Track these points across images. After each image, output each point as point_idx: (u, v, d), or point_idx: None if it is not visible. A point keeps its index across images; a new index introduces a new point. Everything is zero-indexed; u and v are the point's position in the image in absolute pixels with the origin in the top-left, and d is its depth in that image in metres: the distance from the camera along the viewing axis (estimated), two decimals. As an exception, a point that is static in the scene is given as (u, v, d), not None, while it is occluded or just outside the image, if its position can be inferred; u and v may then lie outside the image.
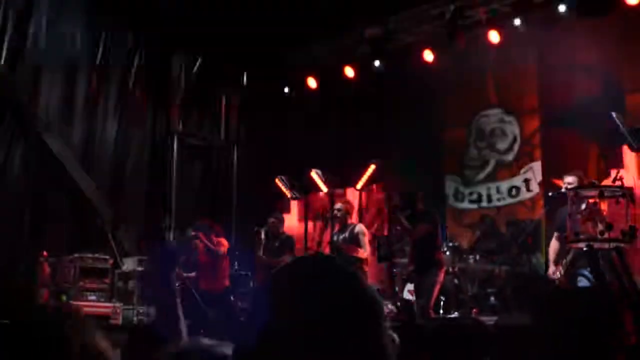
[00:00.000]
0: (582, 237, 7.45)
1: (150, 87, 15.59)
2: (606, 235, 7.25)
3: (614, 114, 11.11)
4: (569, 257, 8.32)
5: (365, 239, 10.19)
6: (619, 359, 6.47)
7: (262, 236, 11.46)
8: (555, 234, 8.86)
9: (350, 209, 10.45)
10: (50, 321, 1.94)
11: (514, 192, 13.26)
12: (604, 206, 7.80)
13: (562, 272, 8.41)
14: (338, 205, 10.46)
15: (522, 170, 13.22)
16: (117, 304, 12.76)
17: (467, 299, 11.41)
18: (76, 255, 13.08)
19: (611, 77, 11.97)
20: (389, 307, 10.42)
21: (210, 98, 16.33)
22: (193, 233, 11.76)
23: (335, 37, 14.75)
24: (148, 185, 15.39)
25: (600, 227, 7.39)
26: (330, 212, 10.87)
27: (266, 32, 13.70)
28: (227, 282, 11.98)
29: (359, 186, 14.00)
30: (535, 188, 12.94)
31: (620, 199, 7.53)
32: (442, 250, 10.07)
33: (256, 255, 11.88)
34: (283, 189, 14.78)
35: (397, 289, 12.11)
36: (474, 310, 11.00)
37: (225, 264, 12.07)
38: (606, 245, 7.31)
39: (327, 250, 10.87)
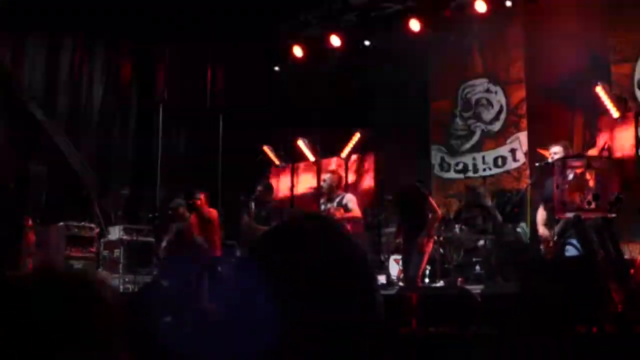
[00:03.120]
0: (569, 207, 7.50)
1: (135, 56, 15.51)
2: (593, 206, 7.31)
3: (599, 83, 11.20)
4: (558, 226, 8.36)
5: (356, 206, 10.15)
6: (607, 327, 6.55)
7: (252, 205, 11.41)
8: (542, 203, 8.90)
9: (337, 180, 10.39)
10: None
11: (500, 162, 13.31)
12: (590, 176, 7.86)
13: (552, 239, 8.46)
14: (325, 176, 10.43)
15: (508, 140, 13.26)
16: (103, 273, 12.79)
17: (452, 268, 11.48)
18: (61, 223, 13.07)
19: (597, 48, 11.98)
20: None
21: (195, 67, 16.25)
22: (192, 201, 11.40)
23: (320, 6, 14.69)
24: (134, 154, 15.37)
25: (587, 197, 7.44)
26: (317, 182, 10.87)
27: (251, 1, 13.65)
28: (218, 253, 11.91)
29: (343, 154, 14.05)
30: (521, 158, 12.99)
31: (607, 169, 7.57)
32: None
33: (242, 221, 11.79)
34: (271, 156, 14.81)
35: (383, 257, 12.19)
36: (460, 279, 11.07)
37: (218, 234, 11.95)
38: (593, 215, 7.36)
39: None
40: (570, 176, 7.74)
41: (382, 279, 11.04)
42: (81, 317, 1.57)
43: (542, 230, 8.74)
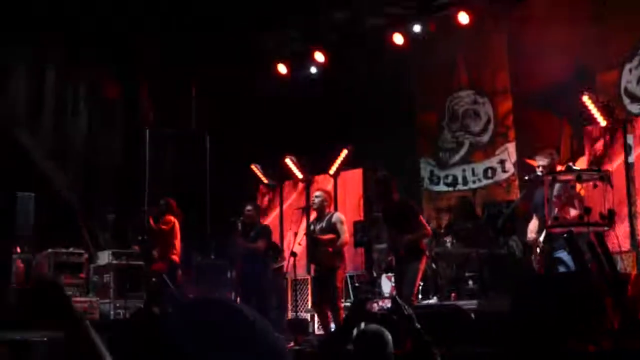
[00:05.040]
0: (560, 221, 7.44)
1: (120, 79, 15.43)
2: (585, 220, 7.25)
3: (586, 92, 11.18)
4: (542, 235, 8.33)
5: (344, 227, 10.11)
6: (603, 343, 6.48)
7: (239, 227, 11.35)
8: (534, 213, 8.87)
9: (328, 198, 10.35)
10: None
11: (489, 173, 13.28)
12: (580, 189, 7.82)
13: (539, 246, 8.43)
14: (316, 194, 10.37)
15: (497, 152, 13.22)
16: (94, 299, 12.68)
17: (445, 284, 11.41)
18: (50, 250, 12.95)
19: (582, 56, 11.96)
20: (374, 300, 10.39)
21: (180, 87, 16.17)
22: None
23: (303, 22, 14.64)
24: (120, 177, 15.26)
25: (578, 211, 7.40)
26: (307, 200, 10.81)
27: (235, 19, 13.58)
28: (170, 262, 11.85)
29: (332, 171, 13.98)
30: (510, 169, 12.97)
31: (598, 182, 7.52)
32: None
33: (235, 240, 11.74)
34: (259, 174, 14.72)
35: (374, 274, 12.13)
36: (453, 294, 11.00)
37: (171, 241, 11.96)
38: (585, 229, 7.31)
39: (303, 239, 10.80)
40: (561, 190, 7.69)
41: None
42: None
43: (530, 235, 8.73)
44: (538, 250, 8.57)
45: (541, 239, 8.44)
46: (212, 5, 13.46)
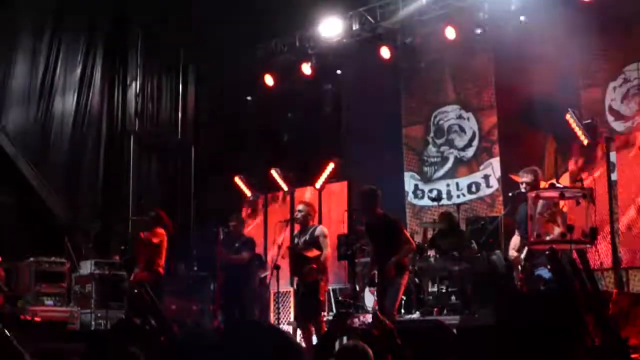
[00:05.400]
0: (543, 239, 7.46)
1: (106, 87, 15.39)
2: (567, 237, 7.27)
3: (569, 111, 11.24)
4: (526, 251, 8.34)
5: (327, 241, 10.08)
6: (584, 360, 6.47)
7: (220, 236, 11.31)
8: (517, 230, 8.89)
9: (312, 211, 10.33)
10: None
11: (474, 188, 13.30)
12: (563, 207, 7.84)
13: (521, 263, 8.45)
14: (300, 207, 10.34)
15: (481, 167, 13.26)
16: (75, 309, 12.59)
17: (427, 299, 11.39)
18: (32, 259, 12.86)
19: (566, 73, 12.02)
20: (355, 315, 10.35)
21: (166, 96, 16.16)
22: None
23: (290, 35, 14.66)
24: (104, 186, 15.19)
25: (561, 228, 7.41)
26: (291, 213, 10.78)
27: (222, 30, 13.59)
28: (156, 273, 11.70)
29: (318, 184, 13.96)
30: (494, 184, 13.00)
31: (581, 200, 7.55)
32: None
33: (218, 251, 11.65)
34: (243, 187, 14.68)
35: (358, 288, 12.09)
36: (435, 309, 10.98)
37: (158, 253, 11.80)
38: (568, 247, 7.33)
39: (286, 252, 10.77)
40: (544, 207, 7.71)
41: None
42: None
43: (511, 252, 8.74)
44: (520, 267, 8.58)
45: (522, 255, 8.46)
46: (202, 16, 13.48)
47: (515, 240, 8.87)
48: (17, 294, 12.42)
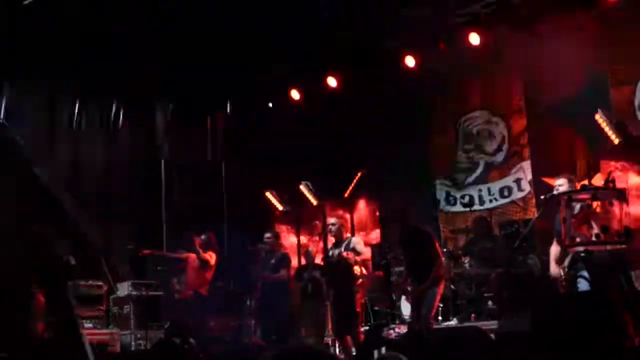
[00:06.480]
0: (578, 240, 7.42)
1: (135, 112, 15.52)
2: (602, 238, 7.22)
3: (599, 111, 11.17)
4: (568, 259, 8.27)
5: (363, 247, 10.19)
6: (623, 362, 6.43)
7: (263, 254, 11.48)
8: (555, 238, 8.80)
9: (344, 224, 10.41)
10: None
11: (506, 192, 13.26)
12: (597, 208, 7.78)
13: (563, 274, 8.36)
14: (332, 220, 10.40)
15: (513, 170, 13.21)
16: (114, 330, 12.67)
17: (464, 305, 11.37)
18: (69, 283, 12.96)
19: (595, 72, 11.95)
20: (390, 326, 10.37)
21: (195, 119, 16.25)
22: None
23: (315, 47, 14.68)
24: (138, 209, 15.29)
25: (595, 229, 7.36)
26: (323, 226, 10.80)
27: (245, 48, 13.63)
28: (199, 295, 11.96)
29: (346, 195, 13.95)
30: (526, 187, 12.95)
31: (614, 200, 7.49)
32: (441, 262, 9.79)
33: (256, 270, 11.83)
34: (274, 201, 14.72)
35: (394, 296, 12.08)
36: (472, 315, 10.96)
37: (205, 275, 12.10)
38: (603, 248, 7.28)
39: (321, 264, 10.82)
40: (577, 209, 7.67)
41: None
42: None
43: (553, 268, 8.59)
44: (563, 282, 8.38)
45: (566, 263, 8.34)
46: (225, 34, 13.52)
47: (555, 249, 8.72)
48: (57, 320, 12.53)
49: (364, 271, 10.07)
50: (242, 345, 10.43)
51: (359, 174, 13.80)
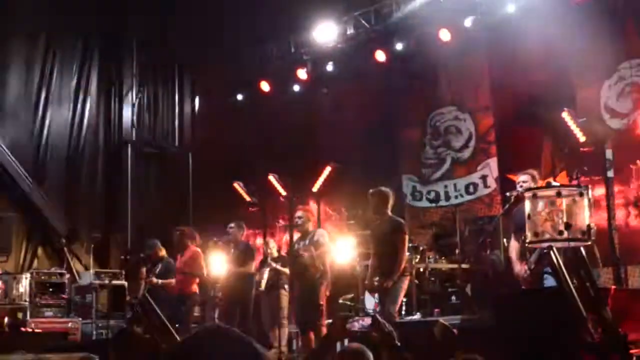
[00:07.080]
0: (542, 237, 7.45)
1: (102, 97, 15.40)
2: (565, 235, 7.25)
3: (565, 110, 11.24)
4: (533, 256, 8.29)
5: (326, 239, 10.12)
6: (585, 358, 6.48)
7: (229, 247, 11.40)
8: (513, 234, 8.83)
9: (310, 217, 10.36)
10: None
11: (471, 189, 13.31)
12: (561, 205, 7.82)
13: (528, 270, 8.39)
14: (299, 213, 10.35)
15: (479, 167, 13.28)
16: (75, 319, 12.56)
17: (428, 299, 11.40)
18: (31, 270, 12.85)
19: (561, 72, 12.04)
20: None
21: (163, 105, 16.16)
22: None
23: (285, 41, 14.69)
24: (102, 196, 15.18)
25: (559, 226, 7.39)
26: (290, 218, 10.76)
27: (217, 37, 13.61)
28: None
29: (315, 188, 13.93)
30: (492, 184, 13.02)
31: (577, 198, 7.53)
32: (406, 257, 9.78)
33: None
34: (242, 193, 14.63)
35: (359, 290, 12.08)
36: (436, 310, 10.99)
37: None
38: (566, 245, 7.31)
39: (287, 256, 10.79)
40: (541, 206, 7.69)
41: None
42: None
43: (517, 267, 8.59)
44: (526, 272, 8.39)
45: (532, 259, 8.35)
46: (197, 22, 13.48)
47: (514, 246, 8.72)
48: (16, 306, 12.39)
49: (322, 267, 9.94)
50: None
51: (329, 168, 13.80)
